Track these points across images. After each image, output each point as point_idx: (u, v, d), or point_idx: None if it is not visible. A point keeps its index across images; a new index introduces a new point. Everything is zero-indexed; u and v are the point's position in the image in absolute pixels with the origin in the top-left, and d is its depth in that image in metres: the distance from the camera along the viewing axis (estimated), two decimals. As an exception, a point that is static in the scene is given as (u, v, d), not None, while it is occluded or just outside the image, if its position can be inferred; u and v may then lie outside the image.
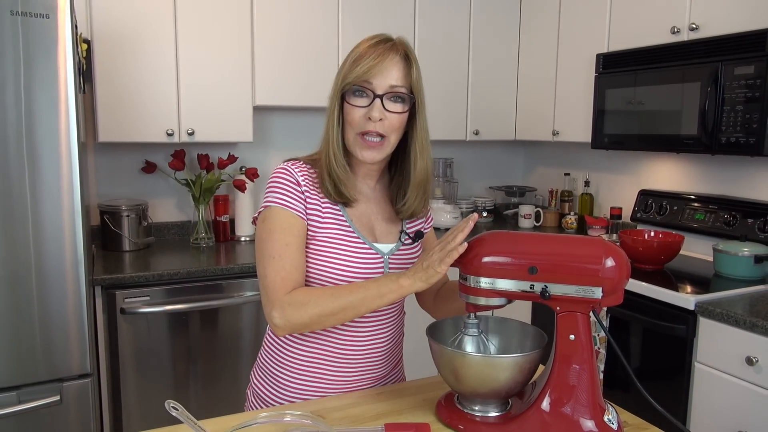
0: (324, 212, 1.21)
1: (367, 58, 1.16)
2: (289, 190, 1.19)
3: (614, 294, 1.02)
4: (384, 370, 1.31)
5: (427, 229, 1.40)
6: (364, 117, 1.17)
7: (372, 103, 1.16)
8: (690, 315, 2.01)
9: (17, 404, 1.92)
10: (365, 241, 1.23)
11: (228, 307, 2.44)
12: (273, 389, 1.28)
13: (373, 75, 1.15)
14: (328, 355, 1.24)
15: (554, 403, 1.04)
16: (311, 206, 1.21)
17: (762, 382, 1.80)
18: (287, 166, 1.23)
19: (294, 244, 1.17)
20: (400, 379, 1.40)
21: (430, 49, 3.09)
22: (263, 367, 1.32)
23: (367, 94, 1.17)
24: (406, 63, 1.19)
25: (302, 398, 1.25)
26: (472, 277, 1.07)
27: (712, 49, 2.24)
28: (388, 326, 1.29)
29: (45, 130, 1.87)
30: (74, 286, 1.97)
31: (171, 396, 2.39)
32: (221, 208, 2.90)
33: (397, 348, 1.35)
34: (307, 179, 1.22)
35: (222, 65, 2.65)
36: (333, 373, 1.24)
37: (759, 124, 2.08)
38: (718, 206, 2.54)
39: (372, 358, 1.27)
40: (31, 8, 1.81)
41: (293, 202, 1.19)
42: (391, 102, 1.18)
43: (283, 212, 1.18)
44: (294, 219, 1.18)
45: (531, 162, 3.79)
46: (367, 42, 1.20)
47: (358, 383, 1.27)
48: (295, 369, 1.25)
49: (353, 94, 1.18)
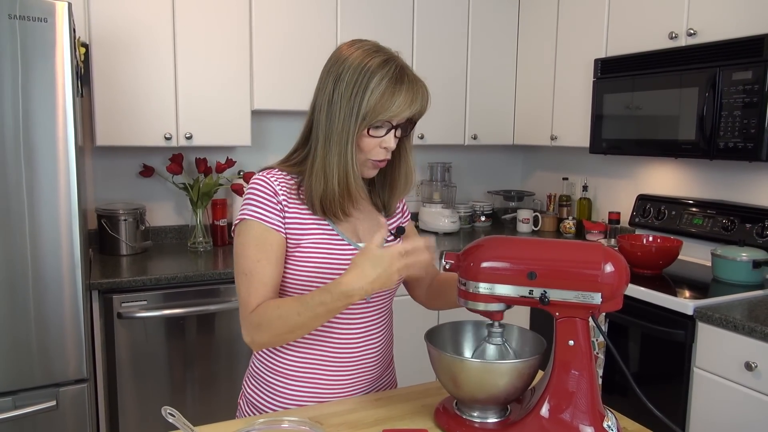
0: (305, 219, 1.20)
1: (399, 96, 1.12)
2: (264, 202, 1.18)
3: (613, 299, 1.02)
4: (378, 371, 1.30)
5: (405, 222, 1.40)
6: (378, 146, 1.17)
7: (387, 133, 1.17)
8: (689, 320, 2.00)
9: (13, 409, 1.91)
10: (350, 243, 1.22)
11: (225, 312, 2.44)
12: (267, 397, 1.26)
13: (407, 111, 1.15)
14: (322, 360, 1.23)
15: (553, 410, 1.03)
16: (290, 215, 1.19)
17: (761, 387, 1.79)
18: (263, 176, 1.21)
19: (265, 259, 1.16)
20: (393, 379, 1.39)
21: (428, 54, 3.10)
22: (255, 375, 1.30)
23: (385, 126, 1.16)
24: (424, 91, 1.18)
25: (297, 405, 1.24)
26: (471, 283, 1.07)
27: (710, 55, 2.24)
28: (380, 327, 1.29)
29: (42, 134, 1.87)
30: (71, 291, 1.96)
31: (168, 401, 2.38)
32: (219, 212, 2.90)
33: (389, 348, 1.35)
34: (285, 189, 1.20)
35: (220, 69, 2.65)
36: (328, 377, 1.24)
37: (757, 130, 2.09)
38: (716, 211, 2.54)
39: (366, 360, 1.26)
40: (30, 12, 1.81)
41: (268, 214, 1.17)
42: (402, 131, 1.20)
43: (257, 225, 1.17)
44: (267, 233, 1.17)
45: (529, 166, 3.80)
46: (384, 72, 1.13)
47: (353, 386, 1.26)
48: (289, 375, 1.24)
49: (376, 127, 1.16)
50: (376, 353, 1.28)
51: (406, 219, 1.41)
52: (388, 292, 1.30)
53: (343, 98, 1.14)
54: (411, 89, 1.15)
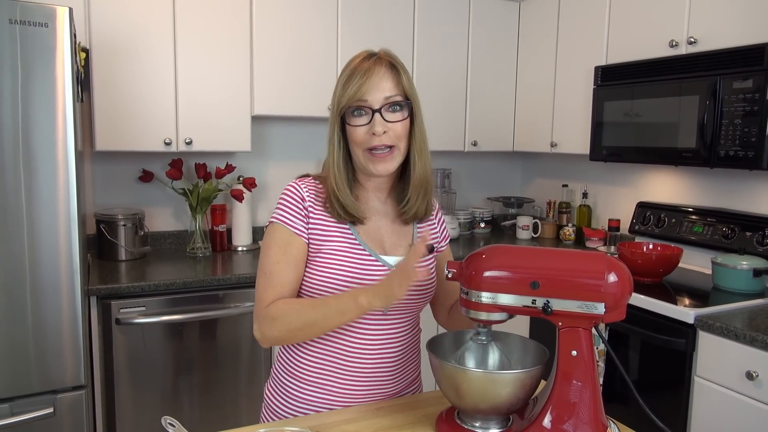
0: (328, 227, 1.23)
1: (356, 77, 1.19)
2: (291, 208, 1.23)
3: (617, 309, 1.01)
4: (396, 387, 1.29)
5: (443, 246, 1.40)
6: (367, 134, 1.19)
7: (372, 119, 1.19)
8: (689, 329, 2.00)
9: (10, 416, 1.89)
10: (372, 254, 1.24)
11: (224, 318, 2.42)
12: (284, 401, 1.28)
13: (366, 92, 1.18)
14: (337, 368, 1.24)
15: (555, 420, 1.03)
16: (314, 222, 1.23)
17: (762, 396, 1.79)
18: (295, 183, 1.27)
19: (285, 261, 1.21)
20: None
21: (428, 61, 3.10)
22: (276, 377, 1.33)
23: (365, 112, 1.19)
24: (394, 72, 1.21)
25: (312, 410, 1.25)
26: (474, 292, 1.06)
27: (711, 63, 2.24)
28: (398, 341, 1.27)
29: (42, 139, 1.86)
30: (69, 296, 1.95)
31: (166, 408, 2.36)
32: (218, 217, 2.89)
33: (412, 365, 1.34)
34: (312, 195, 1.25)
35: (221, 75, 2.65)
36: (341, 386, 1.24)
37: (757, 138, 2.09)
38: (716, 219, 2.54)
39: (381, 374, 1.26)
40: (30, 17, 1.81)
41: (293, 219, 1.22)
42: (390, 113, 1.20)
43: (282, 229, 1.22)
44: (291, 237, 1.22)
45: (529, 173, 3.80)
46: (352, 63, 1.22)
47: (367, 398, 1.26)
48: (305, 380, 1.26)
49: (352, 115, 1.20)
50: (392, 367, 1.27)
51: (444, 241, 1.40)
52: (409, 308, 1.28)
53: (332, 100, 1.24)
54: (373, 68, 1.19)
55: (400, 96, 1.20)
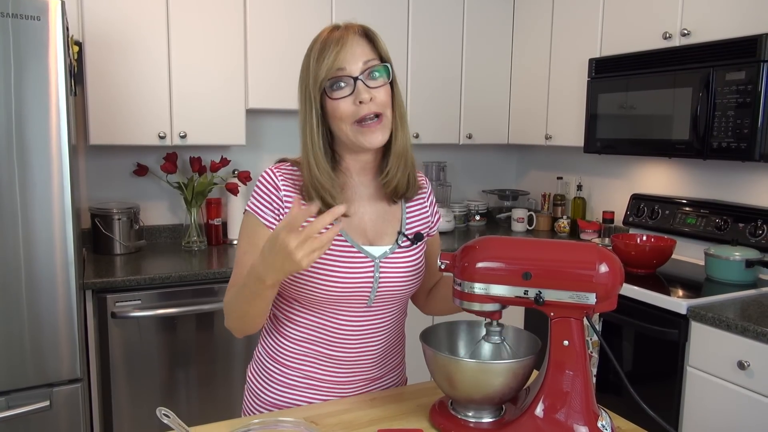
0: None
1: (329, 48, 1.14)
2: (263, 197, 1.20)
3: (608, 300, 1.02)
4: (378, 372, 1.29)
5: (433, 231, 1.35)
6: (353, 104, 1.14)
7: (355, 87, 1.14)
8: (682, 319, 2.01)
9: (6, 410, 1.90)
10: (353, 245, 1.19)
11: (220, 311, 2.43)
12: (268, 385, 1.27)
13: (343, 60, 1.14)
14: (319, 354, 1.23)
15: (548, 410, 1.04)
16: (289, 209, 1.15)
17: (753, 386, 1.80)
18: (270, 170, 1.22)
19: (251, 252, 1.17)
20: (401, 382, 1.38)
21: (423, 53, 3.10)
22: (258, 360, 1.32)
23: (345, 82, 1.14)
24: (368, 38, 1.18)
25: (294, 395, 1.24)
26: (466, 283, 1.07)
27: (704, 55, 2.25)
28: (382, 327, 1.26)
29: (35, 133, 1.86)
30: (64, 290, 1.95)
31: (162, 401, 2.37)
32: (213, 211, 2.89)
33: (395, 350, 1.33)
34: (288, 183, 1.20)
35: (215, 68, 2.64)
36: (324, 370, 1.24)
37: (750, 130, 2.10)
38: (709, 210, 2.55)
39: (364, 359, 1.25)
40: (22, 10, 1.80)
41: (264, 209, 1.19)
42: (371, 79, 1.16)
43: (253, 219, 1.20)
44: (258, 227, 1.19)
45: (524, 166, 3.80)
46: (320, 37, 1.19)
47: (350, 384, 1.26)
48: (287, 364, 1.25)
49: (332, 88, 1.15)
50: (375, 353, 1.27)
51: (435, 227, 1.35)
52: (395, 297, 1.24)
53: (300, 81, 1.21)
54: (346, 36, 1.15)
55: (377, 60, 1.16)
